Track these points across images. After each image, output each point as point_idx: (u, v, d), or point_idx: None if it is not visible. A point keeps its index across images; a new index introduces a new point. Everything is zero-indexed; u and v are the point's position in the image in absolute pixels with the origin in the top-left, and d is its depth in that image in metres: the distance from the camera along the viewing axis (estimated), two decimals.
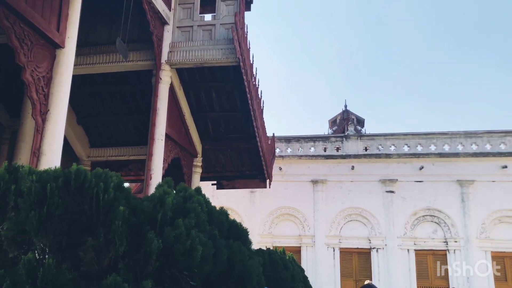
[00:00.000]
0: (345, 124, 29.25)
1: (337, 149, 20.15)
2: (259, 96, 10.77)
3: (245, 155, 12.23)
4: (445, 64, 67.10)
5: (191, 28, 9.32)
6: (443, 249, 18.19)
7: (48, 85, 5.74)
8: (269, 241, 18.56)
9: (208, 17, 9.54)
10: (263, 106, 11.14)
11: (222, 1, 9.36)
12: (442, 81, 67.48)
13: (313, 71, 73.57)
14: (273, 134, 14.26)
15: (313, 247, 18.93)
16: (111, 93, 11.12)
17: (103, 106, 11.39)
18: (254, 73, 10.02)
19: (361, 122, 45.84)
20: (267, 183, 13.02)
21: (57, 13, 6.04)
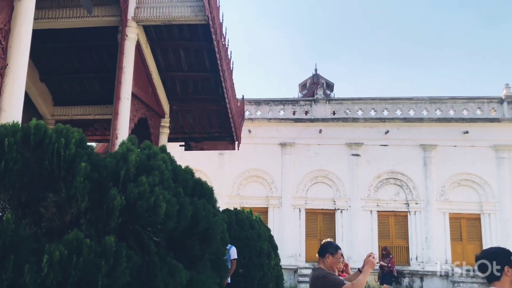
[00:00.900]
0: (315, 88, 29.37)
1: (306, 113, 20.31)
2: (229, 56, 10.61)
3: (214, 117, 12.15)
4: (416, 29, 67.62)
5: None
6: (404, 211, 18.94)
7: (6, 38, 5.48)
8: (237, 202, 18.81)
9: None
10: (232, 67, 11.00)
11: None
12: (412, 46, 68.15)
13: (284, 34, 72.87)
14: (243, 96, 14.19)
15: (280, 208, 19.34)
16: (75, 50, 10.72)
17: (67, 63, 10.99)
18: (223, 32, 9.82)
19: (330, 86, 46.11)
20: (235, 145, 13.03)
21: None
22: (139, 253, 2.76)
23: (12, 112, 5.37)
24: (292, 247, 18.58)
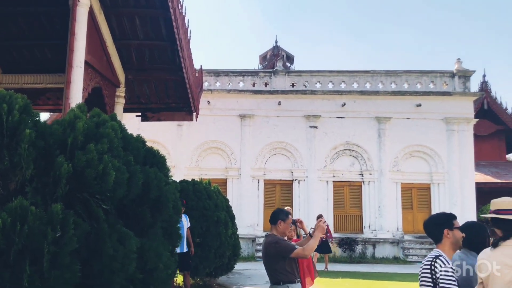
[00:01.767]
0: (275, 60, 29.35)
1: (266, 85, 20.34)
2: (186, 25, 10.41)
3: (171, 87, 11.97)
4: (374, 3, 68.24)
5: None
6: (359, 181, 19.55)
7: None
8: (196, 173, 18.79)
9: None
10: (190, 36, 10.82)
11: None
12: (370, 20, 68.85)
13: (245, 4, 71.81)
14: (201, 66, 14.02)
15: (239, 179, 19.51)
16: (24, 15, 10.18)
17: (16, 29, 10.43)
18: (180, 0, 9.61)
19: (290, 58, 46.17)
20: (193, 116, 12.93)
21: None
22: (87, 221, 2.76)
23: None
24: (250, 217, 18.90)
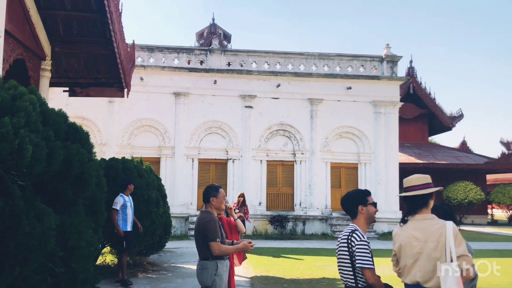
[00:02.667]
0: (212, 38, 29.02)
1: (201, 63, 20.12)
2: None
3: (101, 62, 11.51)
4: None
5: None
6: (291, 160, 20.07)
7: None
8: (128, 152, 18.38)
9: None
10: (121, 8, 10.42)
11: None
12: (309, 2, 69.65)
13: None
14: (133, 41, 13.55)
15: (173, 158, 19.33)
16: None
17: None
18: None
19: (228, 37, 45.84)
20: (125, 93, 12.54)
21: None
22: (1, 197, 2.66)
23: None
24: (184, 196, 18.86)
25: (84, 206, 3.59)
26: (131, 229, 8.63)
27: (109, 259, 10.72)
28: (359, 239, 3.50)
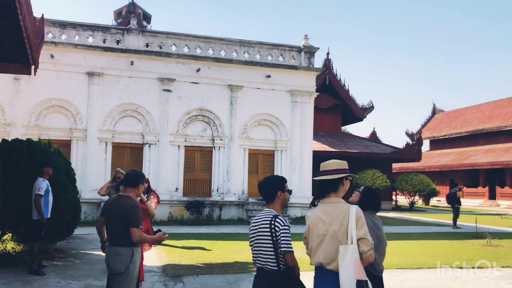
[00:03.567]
0: (130, 17, 27.92)
1: (118, 42, 19.31)
2: None
3: (5, 35, 10.58)
4: None
5: None
6: (210, 146, 20.04)
7: None
8: (35, 133, 17.24)
9: None
10: None
11: None
12: None
13: None
14: (42, 15, 12.61)
15: (85, 141, 18.45)
16: None
17: None
18: None
19: (148, 18, 44.37)
20: (32, 70, 11.69)
21: None
22: None
23: None
24: (96, 181, 18.07)
25: None
26: (50, 215, 8.24)
27: (10, 246, 10.04)
28: (283, 224, 3.60)
